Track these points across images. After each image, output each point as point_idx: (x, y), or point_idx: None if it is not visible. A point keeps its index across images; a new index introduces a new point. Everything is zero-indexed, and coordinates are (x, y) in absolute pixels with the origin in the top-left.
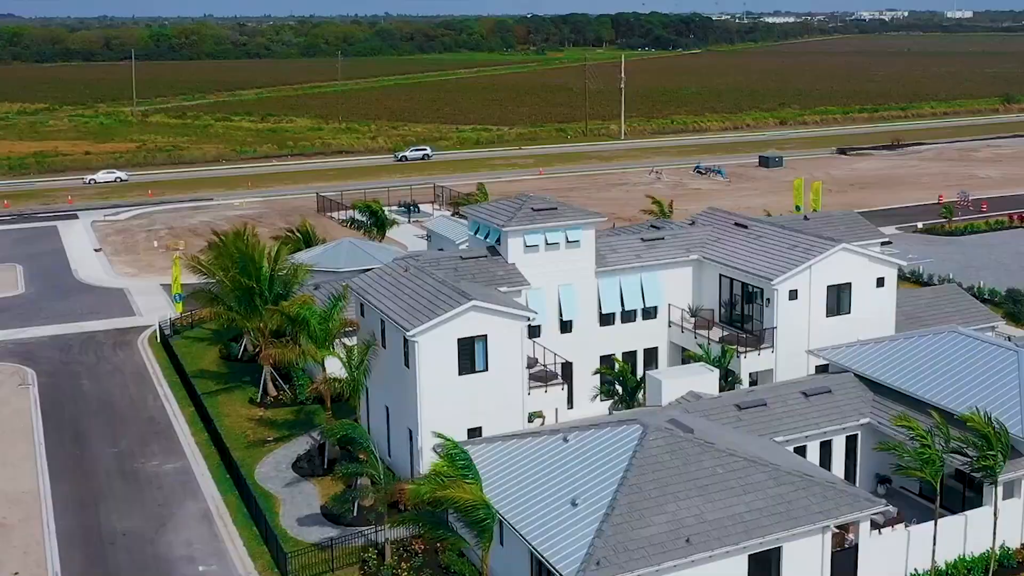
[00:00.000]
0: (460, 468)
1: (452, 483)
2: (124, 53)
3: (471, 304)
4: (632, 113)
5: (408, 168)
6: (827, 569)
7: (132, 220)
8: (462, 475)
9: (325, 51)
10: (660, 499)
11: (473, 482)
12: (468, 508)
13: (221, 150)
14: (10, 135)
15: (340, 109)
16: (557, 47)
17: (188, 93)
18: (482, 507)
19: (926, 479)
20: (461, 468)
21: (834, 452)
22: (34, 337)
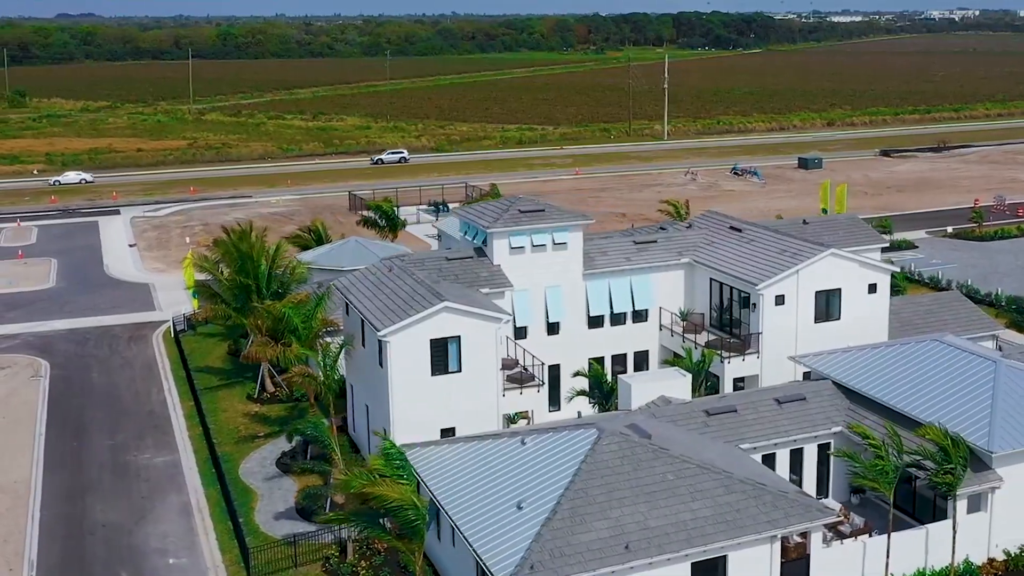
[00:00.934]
0: (395, 468)
1: (383, 482)
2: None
3: (443, 305)
4: (679, 113)
5: (448, 167)
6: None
7: (170, 216)
8: (396, 474)
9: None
10: (605, 504)
11: (407, 482)
12: (396, 507)
13: (268, 148)
14: (70, 132)
15: (388, 108)
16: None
17: (246, 92)
18: (411, 507)
19: (878, 489)
20: (396, 468)
21: (806, 461)
22: (54, 330)
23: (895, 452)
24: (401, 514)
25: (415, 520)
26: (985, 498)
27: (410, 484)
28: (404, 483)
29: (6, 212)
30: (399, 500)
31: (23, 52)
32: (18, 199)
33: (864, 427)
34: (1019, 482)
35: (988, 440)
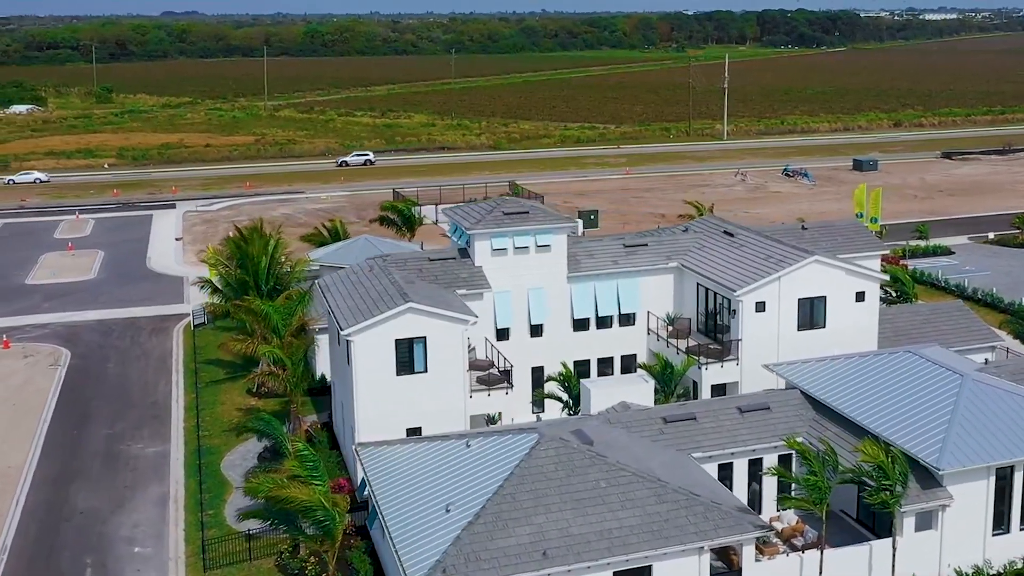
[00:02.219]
0: (309, 469)
1: (292, 484)
2: (282, 49)
3: (408, 306)
4: (745, 113)
5: (498, 165)
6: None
7: (221, 211)
8: (310, 475)
9: (469, 48)
10: (531, 510)
11: (320, 483)
12: (305, 508)
13: (330, 144)
14: (147, 127)
15: (453, 106)
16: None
17: (324, 89)
18: (319, 508)
19: (806, 506)
20: (310, 469)
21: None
22: (83, 320)
23: (831, 469)
24: (310, 515)
25: (324, 520)
26: (935, 516)
27: (323, 485)
28: (317, 484)
29: (69, 204)
30: (307, 502)
31: (121, 50)
32: (84, 192)
33: (797, 441)
34: (972, 500)
35: (938, 457)
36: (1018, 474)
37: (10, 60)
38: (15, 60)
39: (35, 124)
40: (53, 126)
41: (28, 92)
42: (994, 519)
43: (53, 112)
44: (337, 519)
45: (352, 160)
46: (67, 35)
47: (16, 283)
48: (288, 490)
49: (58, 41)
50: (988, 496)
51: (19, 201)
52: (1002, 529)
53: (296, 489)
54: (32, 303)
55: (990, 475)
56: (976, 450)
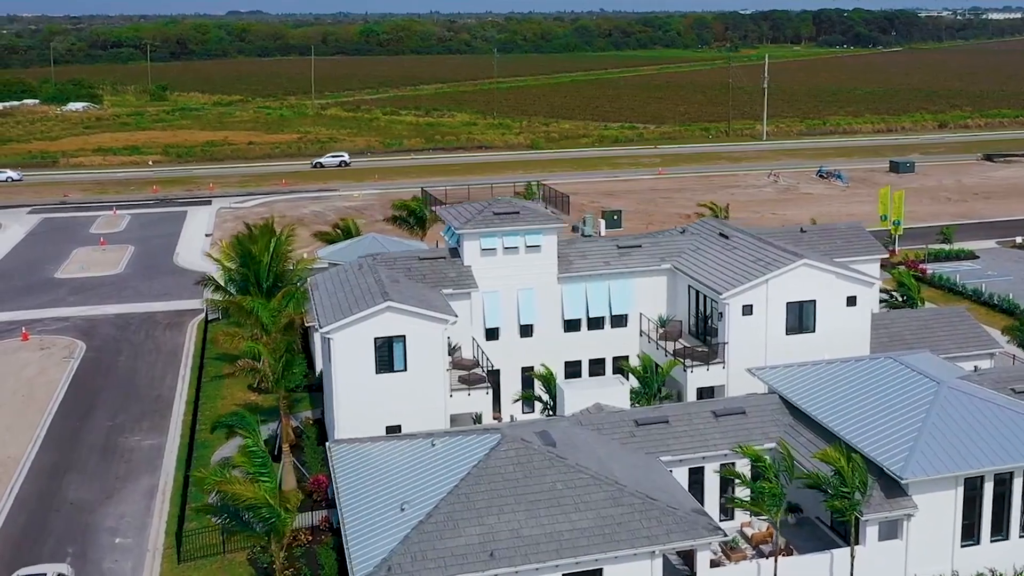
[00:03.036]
0: (257, 465)
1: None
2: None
3: (386, 305)
4: (788, 113)
5: (532, 165)
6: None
7: (254, 208)
8: (258, 472)
9: (522, 47)
10: (484, 511)
11: (268, 480)
12: (251, 506)
13: (370, 143)
14: (196, 125)
15: (495, 105)
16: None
17: (373, 87)
18: (264, 506)
19: (760, 512)
20: (258, 465)
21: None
22: (102, 314)
23: (786, 475)
24: (256, 512)
25: (270, 517)
26: (900, 525)
27: (271, 482)
28: (265, 481)
29: (110, 200)
30: (252, 499)
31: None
32: (125, 188)
33: (750, 446)
34: (939, 510)
35: (903, 466)
36: (988, 484)
37: (75, 59)
38: (80, 59)
39: (88, 121)
40: (106, 123)
41: (85, 90)
42: (963, 530)
43: (108, 110)
44: (283, 516)
45: (327, 161)
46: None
47: (45, 277)
48: (233, 487)
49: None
50: (956, 506)
51: (61, 196)
52: (972, 540)
53: (242, 486)
54: (57, 296)
55: (958, 485)
56: (944, 459)
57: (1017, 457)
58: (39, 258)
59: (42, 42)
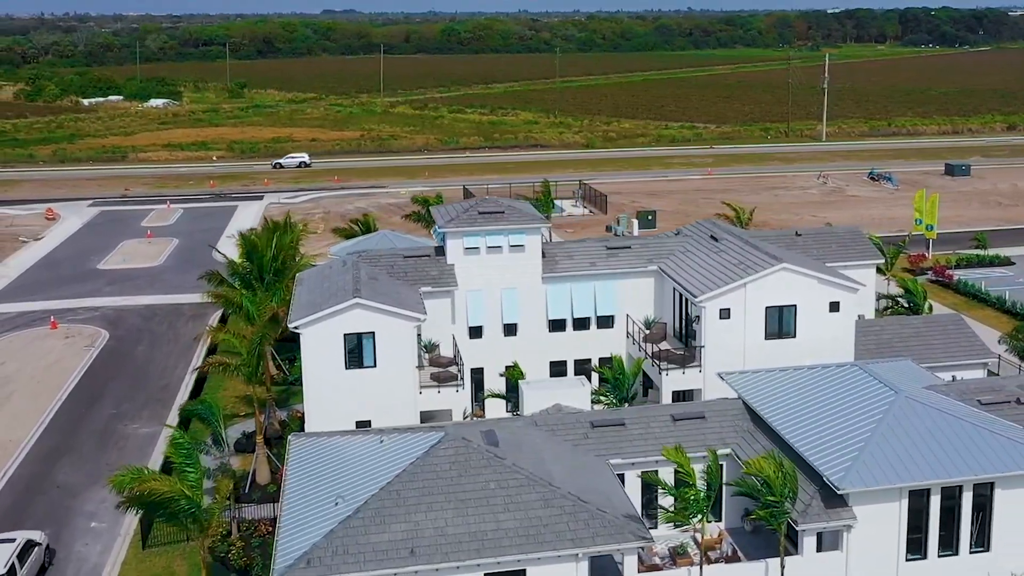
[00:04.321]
0: (182, 456)
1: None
2: (419, 47)
3: (354, 301)
4: (855, 114)
5: (582, 164)
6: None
7: (302, 203)
8: (182, 463)
9: (601, 46)
10: (412, 507)
11: (193, 472)
12: (167, 500)
13: (428, 140)
14: (267, 122)
15: (557, 104)
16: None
17: (446, 86)
18: (183, 499)
19: (678, 520)
20: (183, 456)
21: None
22: (131, 305)
23: (707, 482)
24: (173, 505)
25: (188, 509)
26: (841, 536)
27: (195, 473)
28: (189, 472)
29: (168, 195)
30: (169, 492)
31: (267, 47)
32: (183, 183)
33: (672, 450)
34: (882, 523)
35: (843, 476)
36: (935, 498)
37: (166, 57)
38: (171, 57)
39: (165, 117)
40: (181, 120)
41: (167, 87)
42: (909, 544)
43: (186, 106)
44: (201, 508)
45: (287, 162)
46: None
47: (88, 268)
48: (148, 484)
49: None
50: (900, 519)
51: (123, 190)
52: (918, 555)
53: (156, 482)
54: (94, 287)
55: (902, 497)
56: (887, 470)
57: (964, 470)
58: (87, 249)
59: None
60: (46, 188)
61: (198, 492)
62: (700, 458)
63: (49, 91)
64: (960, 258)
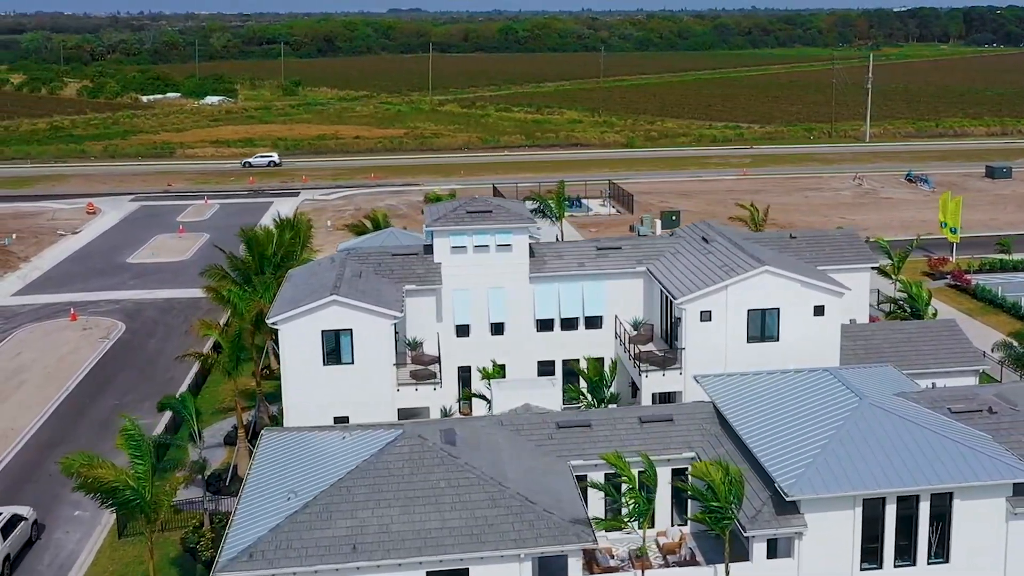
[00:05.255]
0: (132, 447)
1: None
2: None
3: (331, 298)
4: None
5: (618, 163)
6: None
7: (336, 200)
8: (133, 454)
9: (658, 45)
10: (360, 504)
11: (142, 463)
12: (112, 488)
13: (470, 139)
14: (316, 119)
15: (604, 103)
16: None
17: (498, 84)
18: (127, 488)
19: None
20: (133, 447)
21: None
22: (152, 298)
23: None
24: (117, 495)
25: (132, 499)
26: (792, 544)
27: (144, 464)
28: (138, 463)
29: (208, 190)
30: (114, 482)
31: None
32: (224, 179)
33: (611, 455)
34: (835, 531)
35: (793, 482)
36: (891, 507)
37: (229, 55)
38: (233, 55)
39: (217, 114)
40: (233, 117)
41: (224, 85)
42: (864, 553)
43: (240, 104)
44: (147, 499)
45: (256, 161)
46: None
47: (118, 262)
48: (95, 470)
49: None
50: (854, 528)
51: (165, 185)
52: (873, 564)
53: (103, 469)
54: (119, 280)
55: (856, 505)
56: (840, 478)
57: (921, 480)
58: (120, 243)
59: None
60: (92, 183)
61: (144, 483)
62: (664, 461)
63: (110, 88)
64: (983, 262)
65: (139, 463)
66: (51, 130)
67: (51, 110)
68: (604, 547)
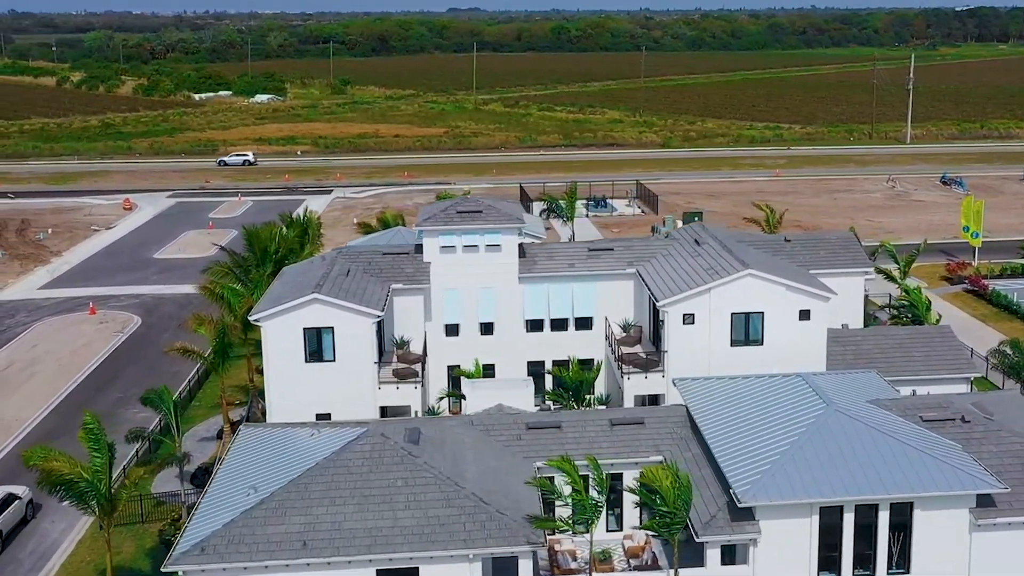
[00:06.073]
0: (91, 443)
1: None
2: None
3: (312, 296)
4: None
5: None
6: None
7: (366, 198)
8: (93, 449)
9: (710, 44)
10: (316, 501)
11: (99, 456)
12: (68, 480)
13: (507, 138)
14: (360, 117)
15: (646, 103)
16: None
17: (543, 83)
18: (82, 481)
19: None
20: (91, 443)
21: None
22: (171, 294)
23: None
24: (73, 486)
25: (86, 491)
26: (747, 551)
27: (102, 458)
28: (97, 457)
29: (243, 187)
30: (70, 474)
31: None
32: (262, 176)
33: (559, 460)
34: (791, 538)
35: (747, 488)
36: (848, 515)
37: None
38: (289, 54)
39: (264, 112)
40: (280, 115)
41: (275, 83)
42: (821, 561)
43: (288, 102)
44: (101, 492)
45: (231, 160)
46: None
47: (145, 257)
48: (52, 463)
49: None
50: (811, 535)
51: (203, 182)
52: (831, 573)
53: (60, 462)
54: (143, 275)
55: (813, 513)
56: (796, 485)
57: (879, 489)
58: (150, 239)
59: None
60: (134, 179)
61: (101, 476)
62: (631, 464)
63: (164, 86)
64: (1004, 267)
65: (97, 457)
66: (102, 127)
67: (105, 107)
68: (568, 549)
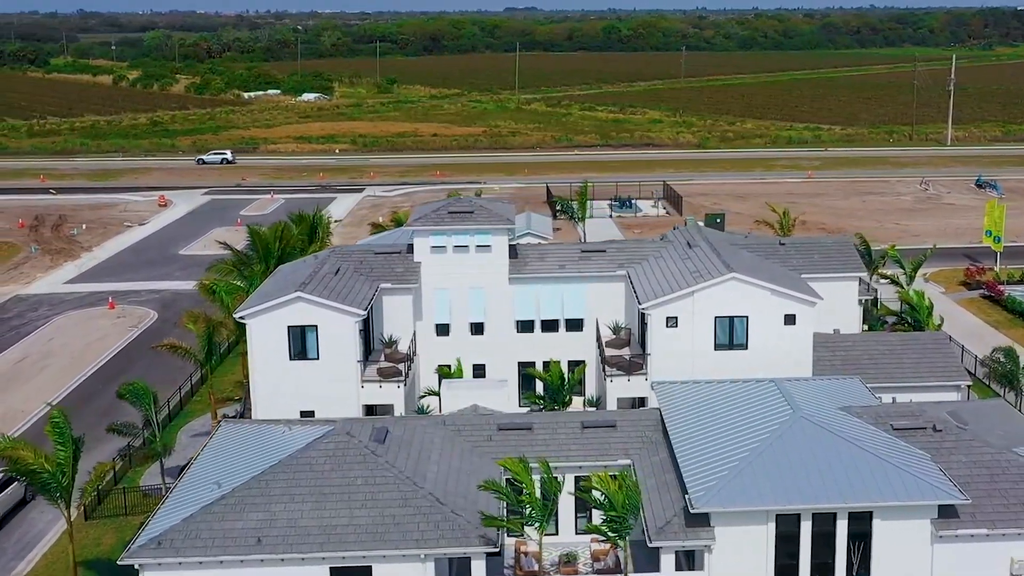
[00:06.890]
0: (56, 436)
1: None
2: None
3: (296, 295)
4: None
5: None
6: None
7: (395, 197)
8: (58, 443)
9: (762, 44)
10: (275, 498)
11: (63, 449)
12: (32, 470)
13: (543, 138)
14: (402, 117)
15: (686, 103)
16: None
17: (589, 83)
18: (45, 472)
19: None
20: (57, 436)
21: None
22: (190, 290)
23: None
24: (36, 477)
25: (49, 481)
26: (702, 557)
27: (66, 451)
28: (61, 450)
29: (279, 185)
30: (32, 464)
31: (433, 43)
32: (298, 174)
33: (510, 459)
34: (748, 545)
35: (702, 495)
36: (806, 524)
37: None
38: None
39: (309, 111)
40: (325, 113)
41: (323, 82)
42: (778, 570)
43: (335, 101)
44: (62, 483)
45: (209, 159)
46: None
47: (170, 253)
48: (17, 451)
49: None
50: (768, 543)
51: (239, 179)
52: None
53: (27, 452)
54: (167, 271)
55: (769, 520)
56: (752, 492)
57: (836, 497)
58: (179, 235)
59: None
60: (172, 176)
61: (64, 468)
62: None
63: (215, 85)
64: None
65: (61, 450)
66: (150, 125)
67: (156, 105)
68: (533, 551)
